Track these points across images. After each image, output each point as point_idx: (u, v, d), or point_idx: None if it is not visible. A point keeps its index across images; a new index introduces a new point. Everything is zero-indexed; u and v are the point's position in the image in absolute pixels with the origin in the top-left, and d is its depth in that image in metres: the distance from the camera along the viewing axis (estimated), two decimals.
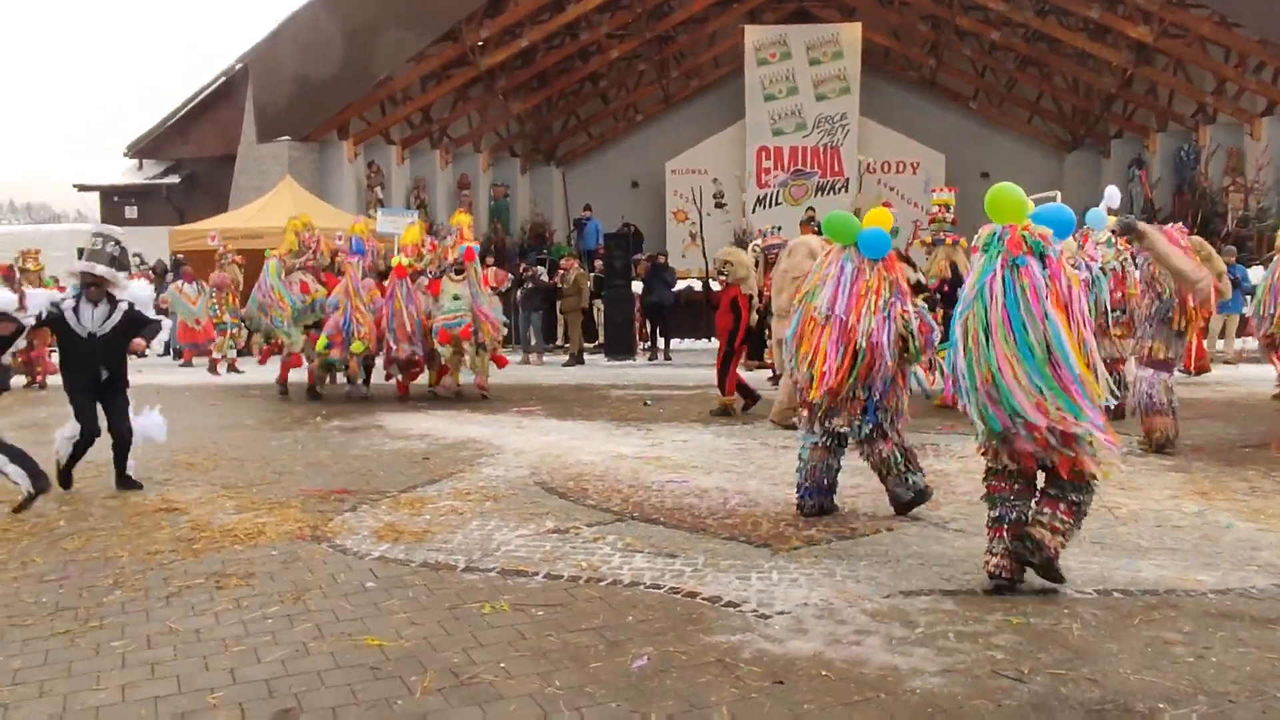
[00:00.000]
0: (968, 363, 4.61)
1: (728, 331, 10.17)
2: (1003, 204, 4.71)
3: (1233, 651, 3.89)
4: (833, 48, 24.44)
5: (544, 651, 3.98)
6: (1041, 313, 4.45)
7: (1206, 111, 21.92)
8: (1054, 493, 4.65)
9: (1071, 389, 4.42)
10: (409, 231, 12.24)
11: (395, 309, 11.32)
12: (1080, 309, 4.53)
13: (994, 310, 4.53)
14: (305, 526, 5.93)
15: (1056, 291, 4.51)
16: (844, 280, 5.79)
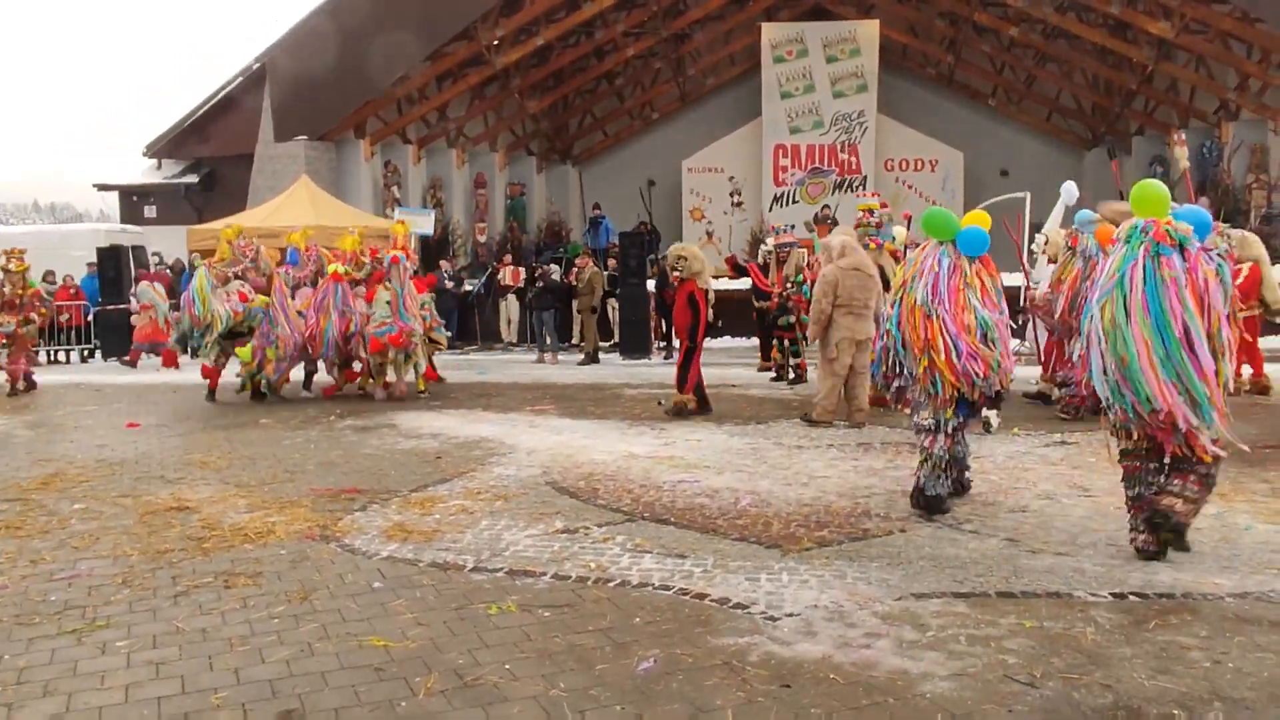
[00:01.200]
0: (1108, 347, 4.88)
1: (686, 328, 10.00)
2: (1147, 199, 4.95)
3: (1250, 657, 3.81)
4: (850, 45, 24.32)
5: (549, 653, 3.95)
6: (1180, 303, 4.71)
7: (1229, 108, 21.68)
8: (1184, 466, 4.96)
9: (1205, 376, 4.70)
10: (346, 239, 12.22)
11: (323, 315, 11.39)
12: (1213, 301, 4.79)
13: (1134, 297, 4.79)
14: (315, 526, 5.92)
15: (1194, 284, 4.77)
16: (944, 273, 5.93)
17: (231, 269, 12.01)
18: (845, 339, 9.40)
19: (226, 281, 11.85)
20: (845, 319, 9.37)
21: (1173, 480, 4.98)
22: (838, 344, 9.39)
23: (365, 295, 11.79)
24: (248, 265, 12.08)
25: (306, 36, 20.76)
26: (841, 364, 9.43)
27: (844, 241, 9.79)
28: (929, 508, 6.00)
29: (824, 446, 8.35)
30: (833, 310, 9.33)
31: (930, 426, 6.05)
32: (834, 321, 9.38)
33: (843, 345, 9.41)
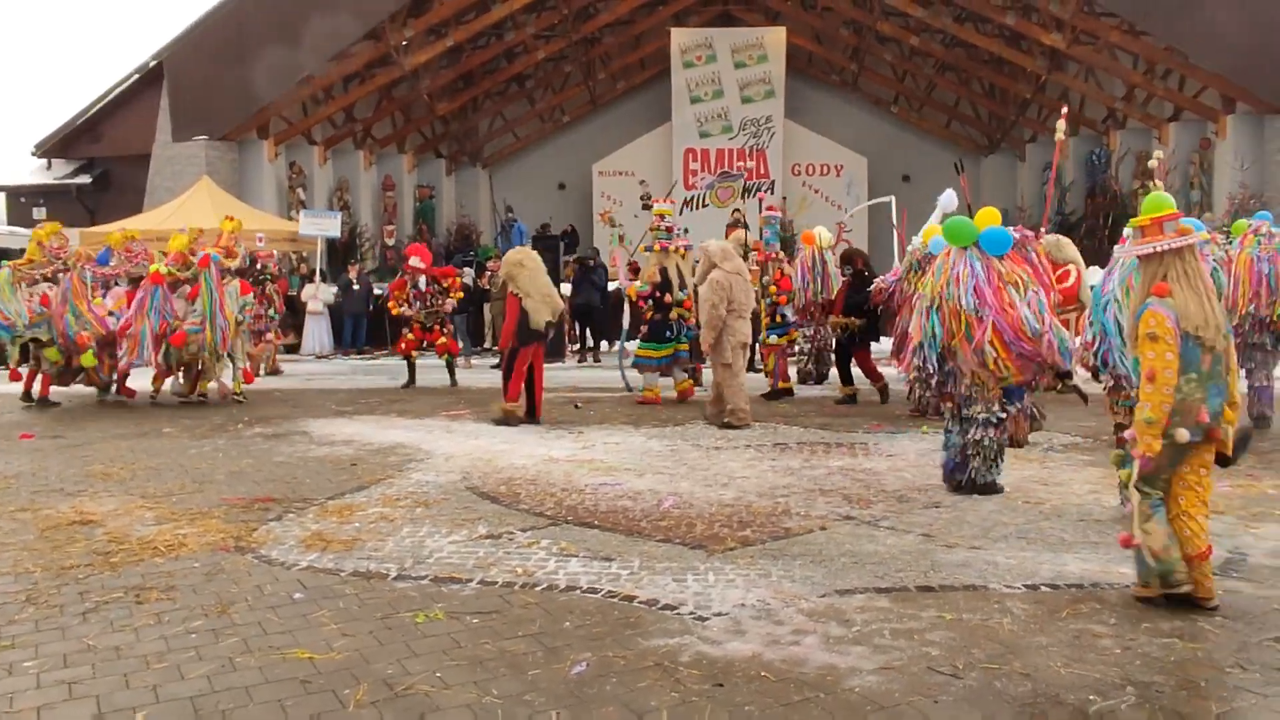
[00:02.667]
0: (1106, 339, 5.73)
1: (509, 333, 9.81)
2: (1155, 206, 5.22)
3: (1157, 642, 3.99)
4: (757, 51, 24.70)
5: (480, 660, 3.91)
6: None
7: (1116, 117, 22.67)
8: None
9: None
10: (174, 239, 11.92)
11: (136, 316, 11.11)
12: None
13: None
14: (228, 537, 5.76)
15: None
16: (981, 276, 6.33)
17: (38, 271, 11.60)
18: (738, 343, 9.65)
19: (34, 283, 11.46)
20: (736, 323, 9.61)
21: None
22: (733, 349, 9.59)
23: (189, 294, 11.48)
24: (59, 267, 11.66)
25: (206, 33, 20.21)
26: (737, 366, 9.63)
27: (723, 246, 10.01)
28: (984, 492, 6.51)
29: (741, 447, 8.45)
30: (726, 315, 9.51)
31: (983, 420, 6.50)
32: (728, 326, 9.53)
33: (737, 350, 9.63)
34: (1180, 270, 4.52)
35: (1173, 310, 4.42)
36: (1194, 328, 4.40)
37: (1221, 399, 4.45)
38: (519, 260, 9.91)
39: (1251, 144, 19.95)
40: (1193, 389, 4.40)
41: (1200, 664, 3.79)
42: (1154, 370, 4.36)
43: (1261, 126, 19.94)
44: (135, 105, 22.79)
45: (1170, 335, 4.37)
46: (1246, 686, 3.59)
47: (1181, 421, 4.38)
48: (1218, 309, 4.52)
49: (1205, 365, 4.43)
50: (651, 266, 11.49)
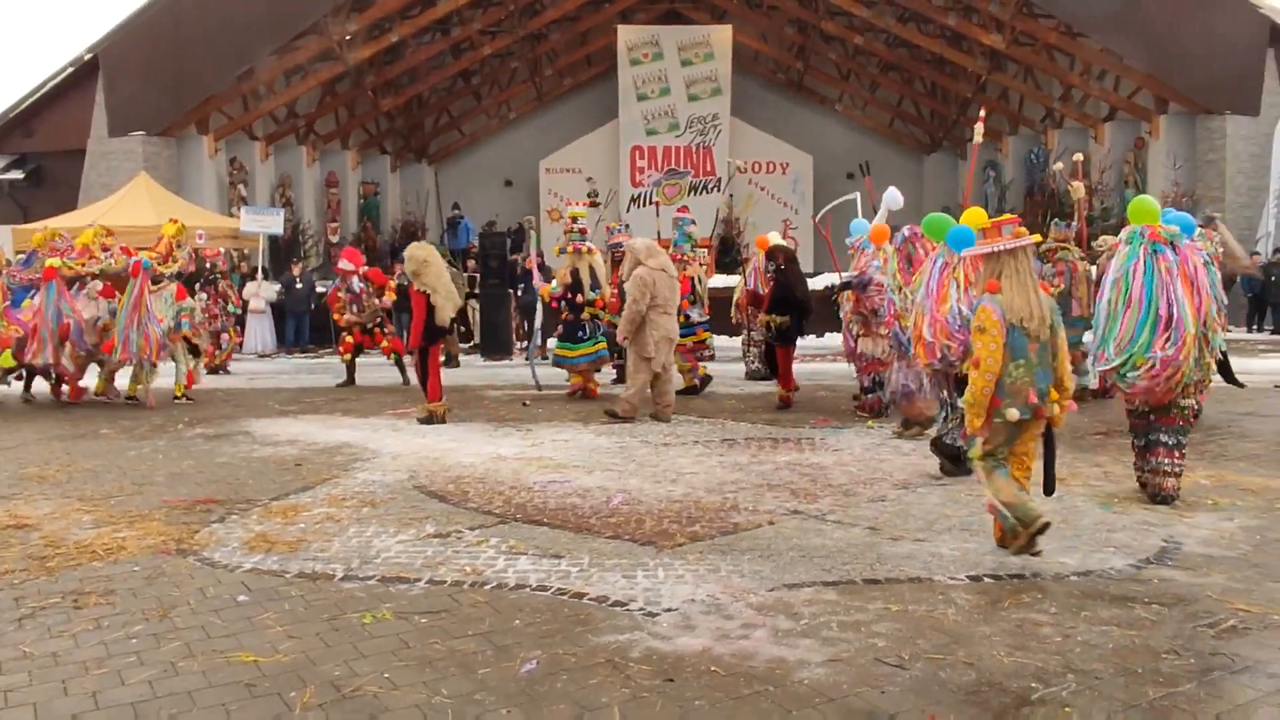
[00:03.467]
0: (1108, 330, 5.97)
1: (417, 332, 9.64)
2: (1143, 210, 6.18)
3: (1096, 630, 4.09)
4: (704, 49, 24.79)
5: (429, 660, 3.88)
6: (1173, 286, 5.81)
7: (1054, 116, 23.12)
8: (1167, 441, 6.19)
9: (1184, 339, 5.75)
10: (84, 234, 11.65)
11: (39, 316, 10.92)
12: (1202, 284, 5.91)
13: (1135, 287, 5.86)
14: (169, 540, 5.65)
15: (1185, 272, 5.86)
16: (934, 272, 6.65)
17: None
18: (663, 338, 9.74)
19: None
20: (661, 318, 9.72)
21: (1161, 459, 6.22)
22: (656, 343, 9.70)
23: (101, 291, 11.28)
24: None
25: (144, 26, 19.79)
26: (657, 362, 9.74)
27: (648, 243, 10.15)
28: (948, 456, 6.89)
29: (690, 443, 8.48)
30: (648, 310, 9.61)
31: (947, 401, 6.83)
32: (651, 321, 9.66)
33: (660, 344, 9.73)
34: (1012, 269, 5.10)
35: (1000, 306, 4.99)
36: (1019, 319, 4.99)
37: (1048, 382, 5.06)
38: (424, 257, 9.62)
39: (1183, 143, 20.48)
40: (1021, 373, 4.99)
41: (1138, 651, 3.88)
42: (979, 358, 5.00)
43: (1193, 126, 20.48)
44: (70, 99, 22.18)
45: (996, 328, 4.95)
46: (1181, 672, 3.68)
47: (1013, 402, 4.98)
48: (1043, 302, 5.11)
49: (1032, 353, 5.01)
50: (564, 268, 11.59)
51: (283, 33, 19.85)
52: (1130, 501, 6.22)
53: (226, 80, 19.89)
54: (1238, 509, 6.01)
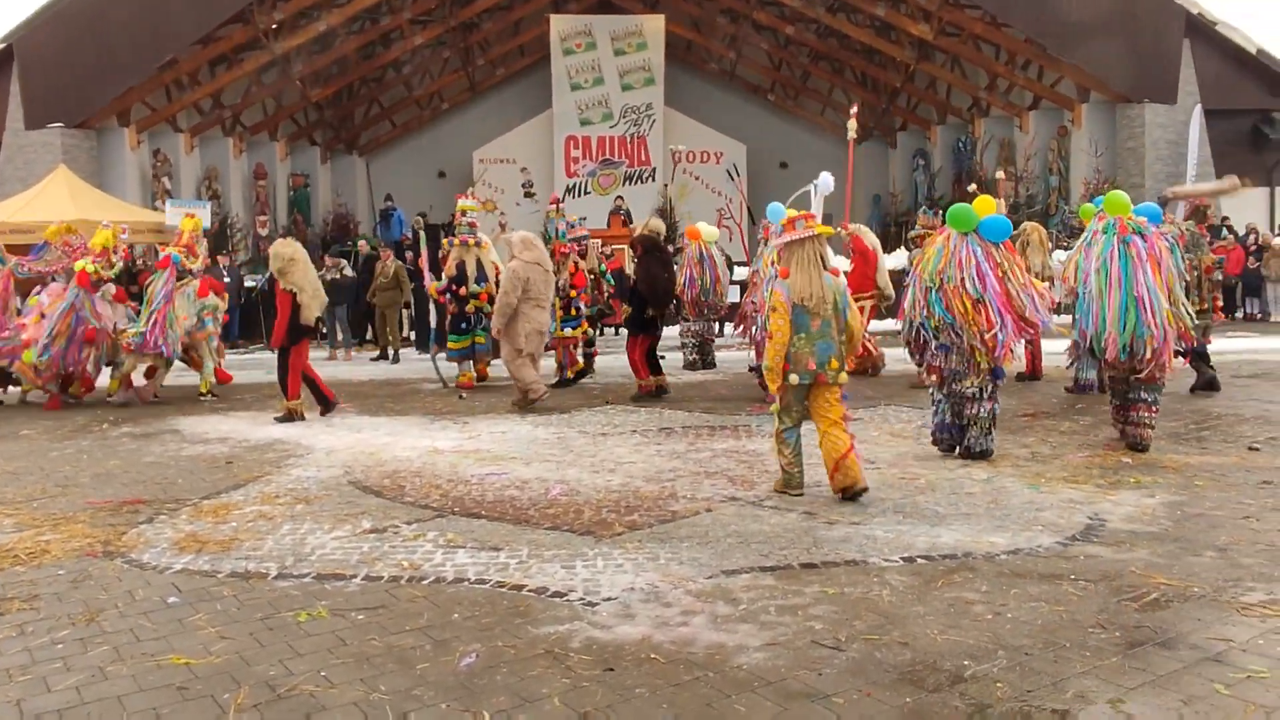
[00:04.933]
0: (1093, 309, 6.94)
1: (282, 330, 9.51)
2: (1116, 203, 7.20)
3: (1026, 607, 4.19)
4: (637, 39, 24.75)
5: (367, 656, 3.84)
6: (1143, 270, 6.82)
7: (981, 105, 23.54)
8: (1146, 398, 7.11)
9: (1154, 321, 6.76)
10: (100, 234, 11.51)
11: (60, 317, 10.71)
12: (1167, 266, 6.93)
13: (1113, 272, 6.87)
14: (95, 542, 5.51)
15: (1153, 256, 6.88)
16: (982, 262, 6.82)
17: None
18: (534, 330, 9.84)
19: None
20: (533, 311, 9.83)
21: (1141, 413, 7.14)
22: (527, 335, 9.80)
23: (116, 295, 11.18)
24: None
25: (61, 14, 19.16)
26: (529, 351, 9.85)
27: (524, 236, 10.27)
28: (980, 458, 6.97)
29: (628, 433, 8.50)
30: (519, 303, 9.72)
31: (974, 394, 6.94)
32: (522, 313, 9.77)
33: (532, 336, 9.84)
34: (801, 257, 6.07)
35: (787, 288, 5.98)
36: (802, 300, 5.97)
37: (830, 353, 6.02)
38: (290, 255, 9.40)
39: (1104, 131, 21.00)
40: (802, 345, 5.98)
41: (1065, 626, 3.98)
42: (772, 332, 6.03)
43: (1113, 115, 21.00)
44: None
45: (784, 307, 5.96)
46: (1107, 645, 3.79)
47: (795, 369, 6.00)
48: (825, 285, 6.04)
49: (814, 327, 6.00)
50: (451, 261, 11.59)
51: (206, 21, 19.37)
52: (1057, 481, 6.38)
53: (148, 70, 19.36)
54: (1159, 486, 6.20)
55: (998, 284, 6.78)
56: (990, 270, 6.80)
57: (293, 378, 9.50)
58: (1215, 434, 7.89)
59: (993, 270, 6.81)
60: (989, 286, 6.75)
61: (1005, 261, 6.91)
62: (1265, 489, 6.10)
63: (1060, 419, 8.72)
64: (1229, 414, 8.71)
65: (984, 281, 6.76)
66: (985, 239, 6.93)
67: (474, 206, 12.21)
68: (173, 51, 19.41)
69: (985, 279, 6.77)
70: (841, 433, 6.00)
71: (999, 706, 3.31)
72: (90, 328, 10.75)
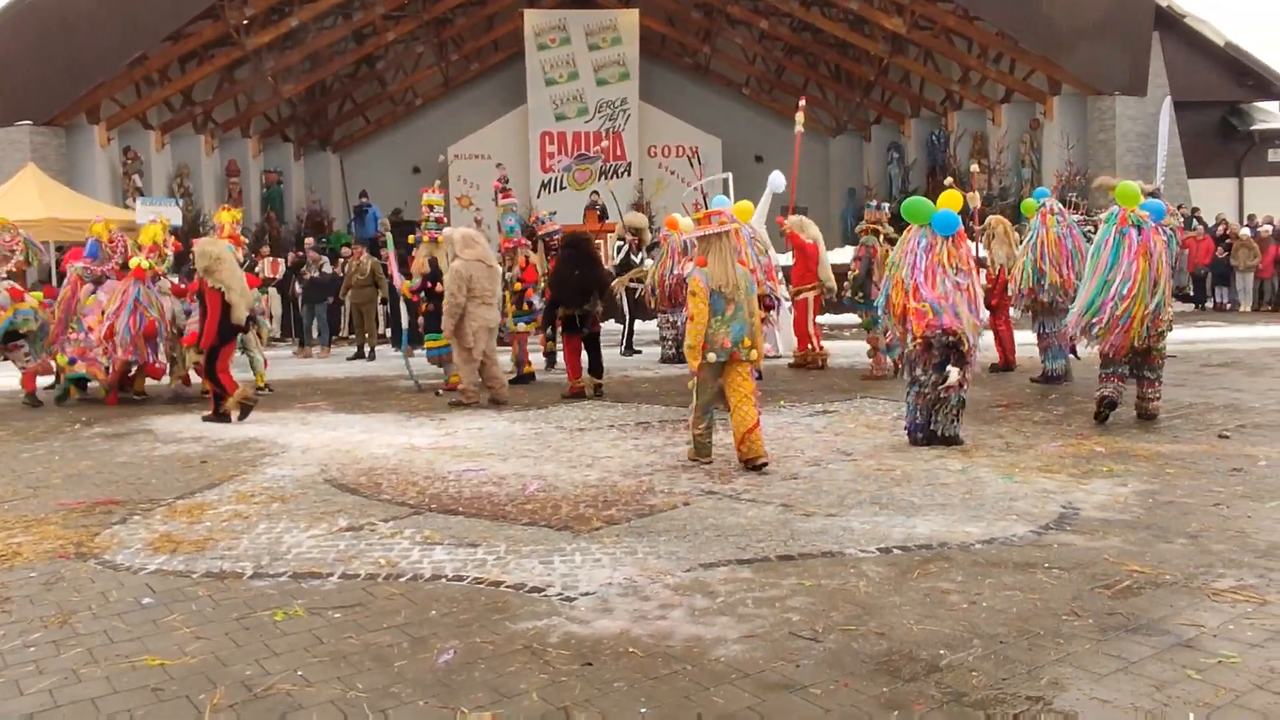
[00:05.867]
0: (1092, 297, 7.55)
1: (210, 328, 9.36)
2: (1127, 194, 7.78)
3: (1000, 596, 4.23)
4: (611, 33, 24.70)
5: (344, 654, 3.83)
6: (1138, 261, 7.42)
7: (953, 99, 23.66)
8: (1149, 375, 7.92)
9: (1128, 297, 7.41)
10: (147, 230, 11.46)
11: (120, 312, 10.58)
12: (1160, 256, 7.49)
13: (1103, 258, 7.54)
14: (68, 543, 5.45)
15: (1145, 247, 7.46)
16: (919, 254, 7.15)
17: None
18: (481, 327, 9.87)
19: None
20: (479, 309, 9.85)
21: (1145, 390, 7.96)
22: (474, 333, 9.82)
23: (173, 289, 11.10)
24: (19, 260, 11.14)
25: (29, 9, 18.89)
26: (478, 350, 9.88)
27: (465, 233, 10.28)
28: (949, 443, 7.15)
29: (605, 427, 8.50)
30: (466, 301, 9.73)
31: (923, 381, 7.14)
32: (469, 312, 9.79)
33: (479, 334, 9.86)
34: (717, 248, 6.74)
35: (704, 275, 6.66)
36: (718, 286, 6.63)
37: (743, 333, 6.67)
38: (216, 254, 9.25)
39: (1076, 124, 21.17)
40: (718, 326, 6.64)
41: (1039, 614, 4.02)
42: (692, 315, 6.68)
43: (1084, 107, 21.17)
44: None
45: (702, 292, 6.62)
46: (1081, 633, 3.83)
47: (712, 348, 6.65)
48: (738, 274, 6.69)
49: (729, 311, 6.64)
50: (421, 258, 11.44)
51: (177, 17, 19.18)
52: (1031, 471, 6.44)
53: (117, 67, 19.14)
54: (1131, 474, 6.27)
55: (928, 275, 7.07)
56: (927, 262, 7.11)
57: (225, 378, 9.36)
58: (1186, 422, 7.99)
59: (929, 262, 7.10)
60: (919, 275, 7.10)
61: (948, 254, 7.15)
62: (1235, 476, 6.18)
63: (1034, 409, 8.79)
64: (1200, 402, 8.81)
65: (915, 271, 7.11)
66: (937, 232, 7.18)
67: (439, 201, 12.04)
68: (142, 48, 19.21)
69: (916, 271, 7.11)
70: (750, 408, 6.66)
71: (974, 695, 3.34)
72: (150, 320, 10.71)
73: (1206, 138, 21.69)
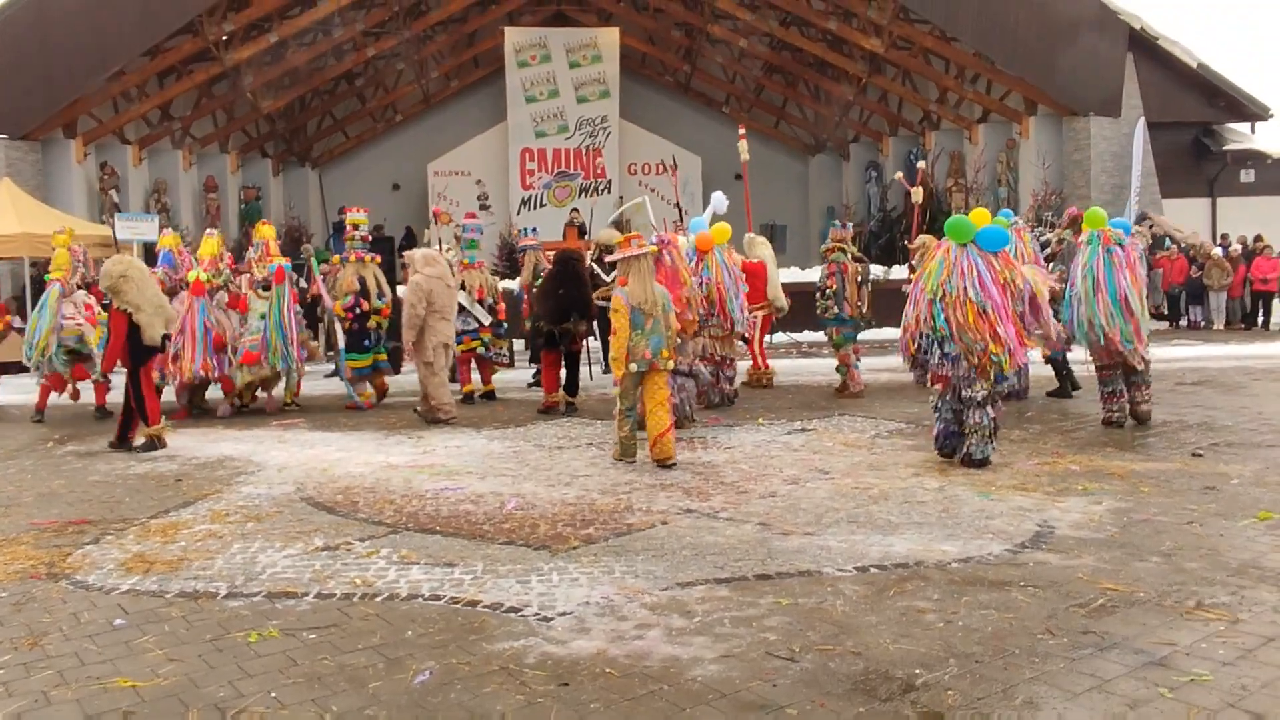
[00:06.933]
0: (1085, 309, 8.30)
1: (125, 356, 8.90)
2: (1095, 218, 8.59)
3: (976, 614, 4.24)
4: (591, 51, 24.81)
5: (318, 676, 3.80)
6: (1123, 276, 8.27)
7: (931, 118, 23.87)
8: (1136, 379, 8.59)
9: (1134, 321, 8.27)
10: (206, 243, 11.50)
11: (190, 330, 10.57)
12: (1138, 272, 8.41)
13: (1100, 277, 8.26)
14: (39, 564, 5.40)
15: (1130, 264, 8.34)
16: (983, 272, 6.99)
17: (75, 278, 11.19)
18: (440, 343, 9.99)
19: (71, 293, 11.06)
20: (439, 324, 10.00)
21: (1135, 392, 8.61)
22: (434, 348, 9.94)
23: (229, 304, 11.09)
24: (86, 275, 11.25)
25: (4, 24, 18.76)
26: (439, 364, 9.97)
27: (425, 253, 10.51)
28: (979, 465, 7.06)
29: (584, 446, 8.49)
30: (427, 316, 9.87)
31: (981, 400, 7.05)
32: (429, 326, 9.92)
33: (438, 350, 9.98)
34: (637, 268, 7.55)
35: (625, 293, 7.45)
36: (638, 303, 7.41)
37: (660, 345, 7.44)
38: (121, 272, 8.81)
39: (1052, 144, 21.39)
40: (639, 339, 7.39)
41: (1014, 633, 4.04)
42: (615, 330, 7.42)
43: (1060, 127, 21.40)
44: None
45: (624, 310, 7.40)
46: (1055, 651, 3.85)
47: (633, 358, 7.39)
48: (656, 291, 7.51)
49: (647, 325, 7.41)
50: (349, 276, 11.37)
51: (154, 33, 19.08)
52: (1007, 489, 6.48)
53: (95, 81, 19.04)
54: (1105, 493, 6.32)
55: (999, 292, 6.99)
56: (992, 280, 6.99)
57: (150, 402, 8.87)
58: (1160, 440, 8.06)
59: (994, 280, 7.00)
60: (991, 295, 6.94)
61: (1005, 271, 7.11)
62: (1208, 494, 6.24)
63: (1010, 427, 8.84)
64: (1173, 420, 8.90)
65: (986, 290, 6.94)
66: (983, 249, 7.09)
67: (364, 220, 12.00)
68: (119, 63, 19.11)
69: (988, 288, 6.94)
70: (665, 414, 7.44)
71: (950, 714, 3.35)
72: (217, 333, 10.77)
73: (1180, 158, 21.94)
